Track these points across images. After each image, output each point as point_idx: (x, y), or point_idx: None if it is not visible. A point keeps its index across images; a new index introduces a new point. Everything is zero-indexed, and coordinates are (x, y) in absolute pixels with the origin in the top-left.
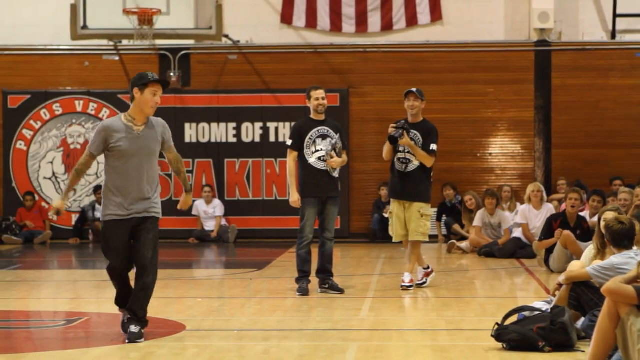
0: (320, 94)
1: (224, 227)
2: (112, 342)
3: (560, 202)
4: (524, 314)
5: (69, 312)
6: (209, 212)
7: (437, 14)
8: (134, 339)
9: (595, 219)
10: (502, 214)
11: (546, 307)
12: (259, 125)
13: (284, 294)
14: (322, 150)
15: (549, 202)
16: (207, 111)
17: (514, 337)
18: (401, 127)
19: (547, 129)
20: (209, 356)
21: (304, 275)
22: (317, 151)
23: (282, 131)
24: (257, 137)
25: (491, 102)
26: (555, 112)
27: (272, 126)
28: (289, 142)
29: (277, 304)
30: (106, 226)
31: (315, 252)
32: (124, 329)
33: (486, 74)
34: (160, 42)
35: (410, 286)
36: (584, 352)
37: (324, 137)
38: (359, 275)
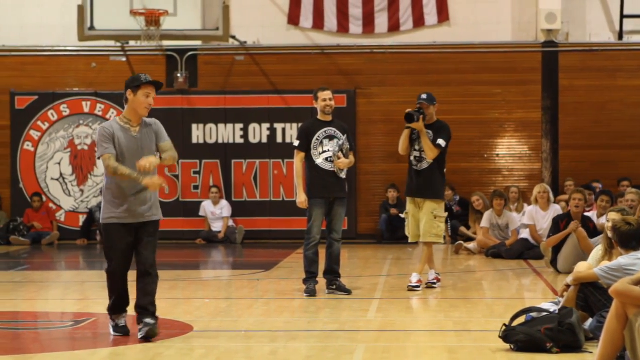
0: (327, 95)
1: (232, 228)
2: (120, 343)
3: (567, 202)
4: (531, 315)
5: (76, 312)
6: (217, 213)
7: (444, 15)
8: (153, 330)
9: (603, 219)
10: (510, 215)
11: (554, 308)
12: (266, 126)
13: (292, 295)
14: (329, 151)
15: (556, 203)
16: (214, 112)
17: (521, 338)
18: (418, 111)
19: (554, 130)
20: (217, 357)
21: (311, 276)
22: (324, 152)
23: (290, 132)
24: (265, 138)
25: (498, 103)
26: (562, 113)
27: (279, 127)
28: (296, 143)
29: (285, 305)
30: (109, 228)
31: (322, 253)
32: (122, 331)
33: (493, 75)
34: (167, 43)
35: (417, 287)
36: (591, 353)
37: (331, 138)
38: (366, 276)
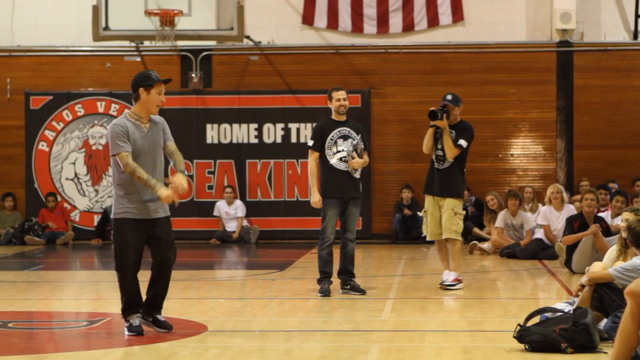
0: (341, 94)
1: (246, 228)
2: (134, 343)
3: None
4: (546, 315)
5: (91, 312)
6: (231, 213)
7: (458, 14)
8: (169, 326)
9: (617, 219)
10: (524, 215)
11: (568, 308)
12: (280, 126)
13: (306, 295)
14: (343, 151)
15: (571, 203)
16: (228, 112)
17: (536, 338)
18: (442, 110)
19: (569, 130)
20: (231, 357)
21: (325, 276)
22: (338, 152)
23: (304, 132)
24: (279, 138)
25: (513, 103)
26: (577, 113)
27: (293, 127)
28: (310, 143)
29: (299, 305)
30: (121, 223)
31: (336, 253)
32: (136, 330)
33: (508, 75)
34: (181, 43)
35: (453, 285)
36: (606, 353)
37: (345, 137)
38: (380, 276)
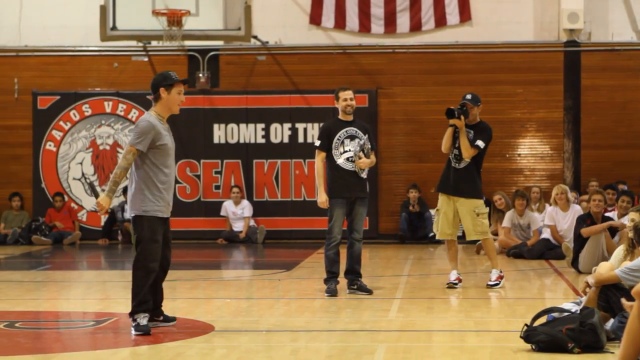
0: (348, 94)
1: (253, 228)
2: (141, 343)
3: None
4: (553, 315)
5: (98, 312)
6: (238, 213)
7: (466, 14)
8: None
9: (624, 219)
10: (532, 214)
11: (575, 308)
12: (287, 126)
13: (313, 295)
14: (350, 151)
15: (579, 203)
16: (235, 112)
17: (543, 338)
18: (460, 109)
19: (576, 130)
20: (238, 356)
21: (332, 276)
22: (345, 152)
23: (311, 132)
24: (286, 138)
25: (520, 103)
26: (584, 113)
27: (300, 127)
28: (317, 143)
29: (306, 305)
30: (152, 221)
31: (343, 253)
32: (144, 330)
33: (515, 75)
34: (189, 43)
35: (496, 284)
36: (613, 353)
37: (352, 137)
38: (387, 276)
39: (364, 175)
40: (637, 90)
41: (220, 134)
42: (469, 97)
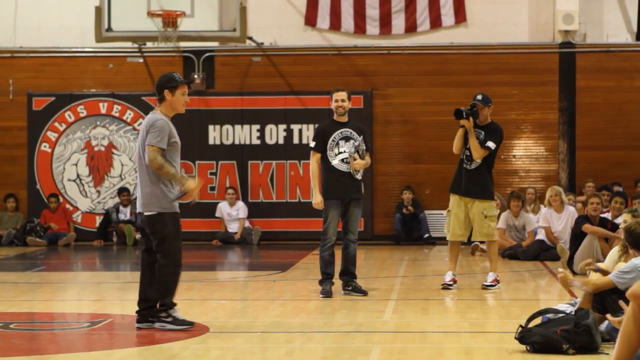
0: (340, 95)
1: (248, 229)
2: (136, 344)
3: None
4: (547, 316)
5: (92, 313)
6: (233, 214)
7: (461, 15)
8: None
9: (617, 220)
10: (527, 216)
11: (570, 309)
12: (282, 127)
13: (308, 296)
14: (345, 152)
15: (574, 204)
16: (230, 113)
17: (537, 339)
18: (470, 110)
19: (571, 131)
20: (233, 358)
21: (327, 277)
22: (340, 153)
23: (306, 133)
24: (281, 139)
25: (515, 104)
26: (579, 114)
27: (295, 128)
28: (312, 144)
29: (301, 306)
30: (176, 219)
31: (338, 254)
32: (187, 323)
33: (510, 76)
34: (184, 44)
35: (492, 285)
36: (608, 354)
37: (347, 139)
38: (382, 277)
39: (359, 176)
40: (632, 91)
41: (215, 135)
42: (480, 97)
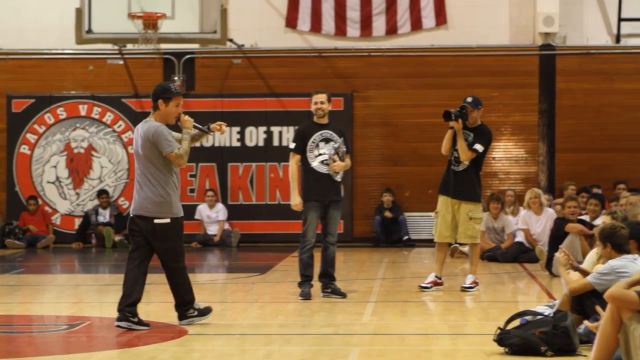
0: (319, 98)
1: (227, 231)
2: (114, 347)
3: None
4: (526, 319)
5: (71, 316)
6: (212, 217)
7: (441, 18)
8: None
9: (596, 222)
10: (506, 218)
11: (548, 311)
12: (262, 129)
13: (287, 298)
14: (325, 154)
15: (553, 206)
16: (211, 115)
17: (516, 341)
18: (459, 112)
19: (551, 133)
20: None
21: (306, 279)
22: (319, 155)
23: (286, 135)
24: (261, 141)
25: (495, 106)
26: (559, 116)
27: (276, 130)
28: (292, 145)
29: (280, 308)
30: (181, 222)
31: (317, 256)
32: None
33: (490, 78)
34: (164, 46)
35: (471, 287)
36: (586, 356)
37: (327, 140)
38: (361, 279)
39: (339, 178)
40: (611, 93)
41: None
42: (470, 99)
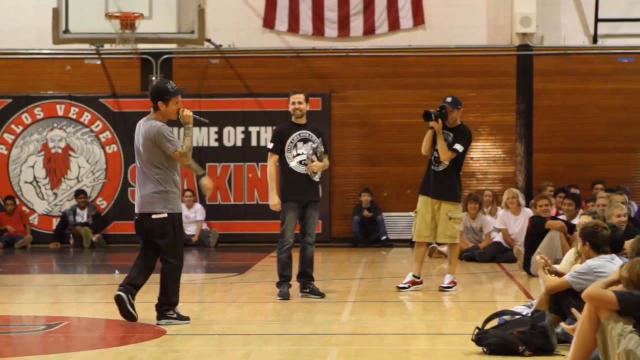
0: (297, 98)
1: (205, 232)
2: (92, 347)
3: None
4: (504, 318)
5: (49, 316)
6: (190, 217)
7: (419, 18)
8: None
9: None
10: (484, 218)
11: (526, 311)
12: (240, 129)
13: (265, 298)
14: (303, 154)
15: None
16: None
17: (494, 341)
18: (438, 112)
19: (528, 133)
20: None
21: (284, 279)
22: (298, 155)
23: (264, 135)
24: (239, 141)
25: (473, 107)
26: (536, 117)
27: (253, 130)
28: (270, 146)
29: (258, 308)
30: (180, 218)
31: (296, 257)
32: (185, 318)
33: (468, 79)
34: (142, 46)
35: (449, 287)
36: (563, 356)
37: (305, 140)
38: (339, 279)
39: (317, 178)
40: (589, 94)
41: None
42: (449, 100)
